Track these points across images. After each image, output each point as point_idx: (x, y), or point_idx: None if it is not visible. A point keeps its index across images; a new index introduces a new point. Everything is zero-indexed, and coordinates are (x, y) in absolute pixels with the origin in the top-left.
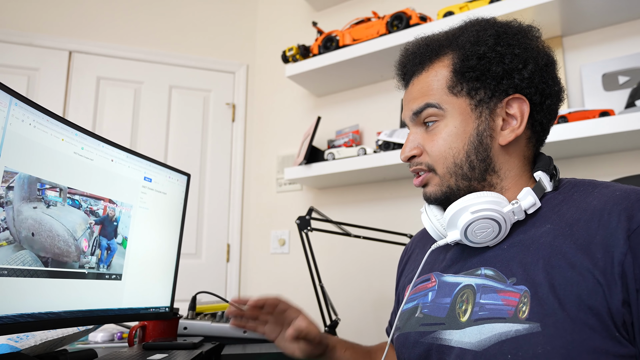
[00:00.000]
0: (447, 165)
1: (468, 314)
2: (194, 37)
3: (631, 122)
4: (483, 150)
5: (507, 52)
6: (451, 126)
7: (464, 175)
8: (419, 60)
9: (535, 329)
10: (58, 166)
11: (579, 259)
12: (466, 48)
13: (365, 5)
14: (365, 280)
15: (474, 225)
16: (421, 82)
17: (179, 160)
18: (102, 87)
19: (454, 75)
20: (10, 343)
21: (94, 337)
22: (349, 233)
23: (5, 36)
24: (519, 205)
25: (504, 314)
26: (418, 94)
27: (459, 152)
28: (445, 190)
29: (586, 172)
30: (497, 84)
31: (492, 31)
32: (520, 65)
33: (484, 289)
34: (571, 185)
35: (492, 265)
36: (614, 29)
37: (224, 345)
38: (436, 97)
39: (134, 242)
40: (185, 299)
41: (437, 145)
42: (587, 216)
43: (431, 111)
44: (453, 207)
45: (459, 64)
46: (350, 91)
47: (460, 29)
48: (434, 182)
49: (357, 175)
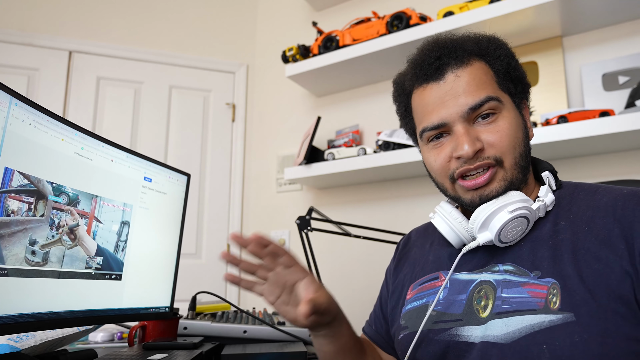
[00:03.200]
0: (515, 157)
1: (489, 308)
2: (194, 37)
3: (631, 122)
4: (528, 143)
5: (519, 67)
6: (510, 118)
7: (523, 167)
8: (460, 54)
9: (570, 319)
10: (58, 166)
11: (603, 252)
12: (499, 52)
13: (365, 5)
14: (365, 280)
15: (509, 225)
16: (466, 75)
17: (179, 160)
18: (102, 87)
19: (496, 74)
20: (10, 343)
21: (94, 337)
22: (349, 233)
23: (5, 36)
24: (544, 203)
25: (533, 306)
26: (470, 88)
27: (521, 142)
28: (507, 184)
29: (586, 172)
30: (522, 89)
31: (508, 48)
32: (526, 80)
33: (505, 284)
34: (573, 187)
35: (510, 261)
36: (614, 29)
37: (224, 345)
38: (492, 90)
39: (134, 242)
40: (185, 299)
41: (503, 136)
42: (601, 213)
43: (493, 104)
44: (487, 207)
45: (497, 65)
46: (350, 91)
47: (486, 38)
48: (499, 176)
49: (357, 175)
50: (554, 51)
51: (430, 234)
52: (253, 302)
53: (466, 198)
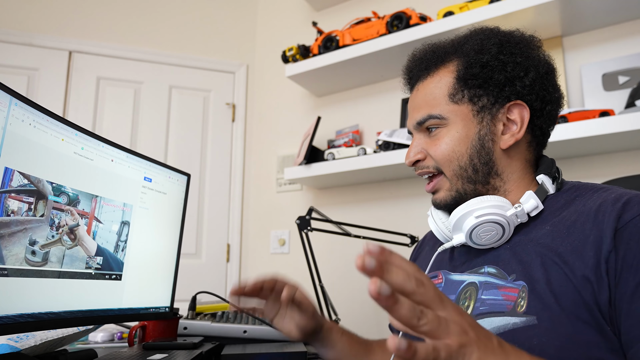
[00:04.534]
0: (453, 168)
1: (470, 309)
2: (194, 37)
3: (631, 122)
4: (485, 154)
5: (510, 61)
6: (453, 131)
7: (469, 178)
8: (425, 66)
9: (532, 322)
10: (58, 166)
11: (571, 259)
12: (470, 56)
13: (365, 5)
14: (365, 280)
15: (478, 229)
16: (425, 89)
17: (179, 160)
18: (102, 87)
19: (457, 82)
20: (10, 343)
21: (94, 337)
22: (349, 233)
23: (5, 36)
24: (521, 208)
25: (502, 308)
26: (422, 103)
27: (463, 155)
28: (454, 195)
29: (586, 172)
30: (500, 90)
31: (496, 40)
32: (522, 73)
33: (486, 286)
34: (574, 189)
35: (494, 264)
36: (614, 29)
37: (224, 345)
38: (438, 107)
39: (134, 242)
40: (185, 299)
41: (440, 149)
42: (584, 218)
43: (432, 122)
44: (457, 211)
45: (462, 72)
46: (350, 91)
47: (466, 37)
48: (445, 187)
49: (357, 175)
50: (554, 51)
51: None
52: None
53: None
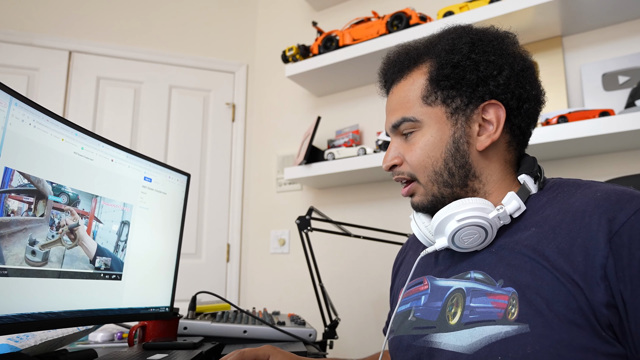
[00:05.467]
0: (428, 174)
1: (458, 317)
2: (194, 37)
3: (631, 122)
4: (461, 157)
5: (482, 60)
6: (428, 135)
7: (445, 182)
8: (399, 69)
9: (524, 330)
10: (58, 166)
11: (559, 263)
12: (441, 56)
13: (365, 5)
14: (365, 280)
15: (460, 232)
16: (399, 92)
17: (179, 160)
18: (102, 87)
19: (430, 84)
20: (10, 343)
21: (94, 337)
22: (349, 233)
23: (5, 36)
24: (504, 210)
25: (493, 317)
26: (396, 106)
27: (437, 160)
28: (430, 199)
29: (586, 172)
30: (473, 91)
31: (467, 39)
32: (495, 72)
33: (473, 292)
34: (556, 186)
35: (480, 268)
36: (614, 29)
37: (224, 345)
38: (412, 109)
39: (134, 242)
40: (185, 299)
41: (415, 155)
42: (569, 218)
43: (407, 125)
44: (439, 215)
45: (434, 73)
46: (350, 91)
47: (438, 37)
48: (419, 192)
49: (357, 175)
50: (554, 51)
51: None
52: (253, 302)
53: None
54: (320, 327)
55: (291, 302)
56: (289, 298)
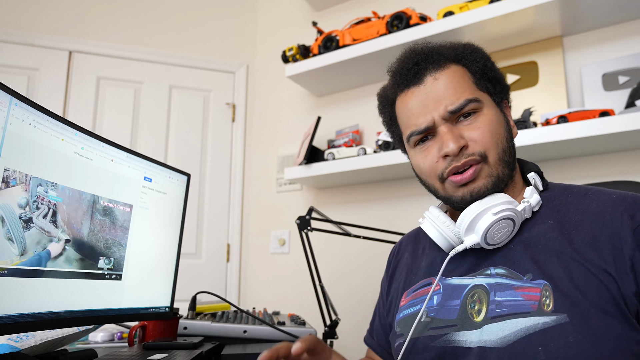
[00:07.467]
0: (498, 152)
1: (483, 313)
2: (194, 37)
3: (631, 122)
4: (511, 139)
5: (495, 67)
6: (491, 115)
7: (508, 162)
8: (436, 59)
9: (564, 320)
10: (58, 166)
11: (589, 255)
12: (473, 57)
13: (365, 5)
14: (365, 280)
15: (494, 227)
16: (444, 79)
17: (179, 160)
18: (102, 87)
19: (473, 75)
20: (10, 343)
21: (94, 337)
22: (349, 233)
23: (5, 36)
24: (529, 204)
25: (527, 309)
26: (450, 91)
27: (503, 138)
28: (494, 180)
29: (586, 172)
30: (502, 88)
31: (481, 51)
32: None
33: (498, 287)
34: (562, 189)
35: (502, 264)
36: (614, 29)
37: (224, 345)
38: (470, 92)
39: (134, 242)
40: (185, 299)
41: (484, 132)
42: (590, 217)
43: (473, 105)
44: (471, 210)
45: (474, 67)
46: (350, 91)
47: (461, 45)
48: (484, 173)
49: (357, 175)
50: (554, 51)
51: (422, 240)
52: (253, 302)
53: (457, 196)
54: (320, 327)
55: (291, 302)
56: (289, 298)
